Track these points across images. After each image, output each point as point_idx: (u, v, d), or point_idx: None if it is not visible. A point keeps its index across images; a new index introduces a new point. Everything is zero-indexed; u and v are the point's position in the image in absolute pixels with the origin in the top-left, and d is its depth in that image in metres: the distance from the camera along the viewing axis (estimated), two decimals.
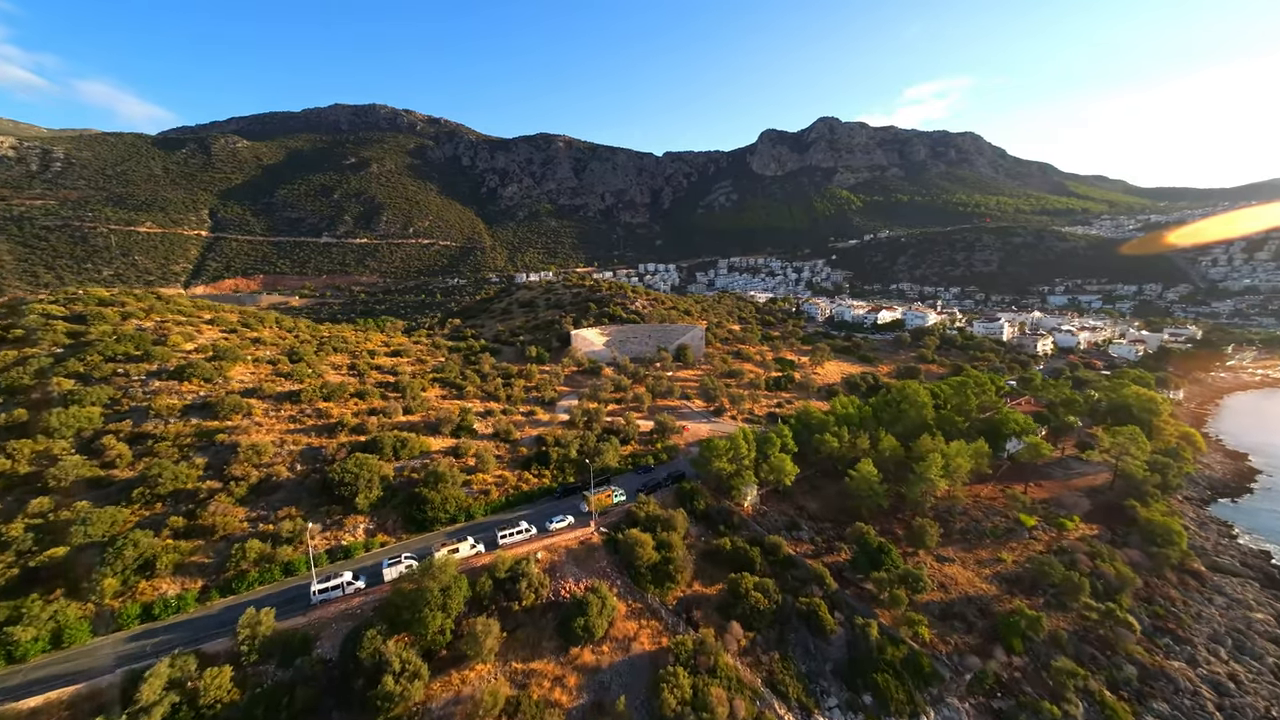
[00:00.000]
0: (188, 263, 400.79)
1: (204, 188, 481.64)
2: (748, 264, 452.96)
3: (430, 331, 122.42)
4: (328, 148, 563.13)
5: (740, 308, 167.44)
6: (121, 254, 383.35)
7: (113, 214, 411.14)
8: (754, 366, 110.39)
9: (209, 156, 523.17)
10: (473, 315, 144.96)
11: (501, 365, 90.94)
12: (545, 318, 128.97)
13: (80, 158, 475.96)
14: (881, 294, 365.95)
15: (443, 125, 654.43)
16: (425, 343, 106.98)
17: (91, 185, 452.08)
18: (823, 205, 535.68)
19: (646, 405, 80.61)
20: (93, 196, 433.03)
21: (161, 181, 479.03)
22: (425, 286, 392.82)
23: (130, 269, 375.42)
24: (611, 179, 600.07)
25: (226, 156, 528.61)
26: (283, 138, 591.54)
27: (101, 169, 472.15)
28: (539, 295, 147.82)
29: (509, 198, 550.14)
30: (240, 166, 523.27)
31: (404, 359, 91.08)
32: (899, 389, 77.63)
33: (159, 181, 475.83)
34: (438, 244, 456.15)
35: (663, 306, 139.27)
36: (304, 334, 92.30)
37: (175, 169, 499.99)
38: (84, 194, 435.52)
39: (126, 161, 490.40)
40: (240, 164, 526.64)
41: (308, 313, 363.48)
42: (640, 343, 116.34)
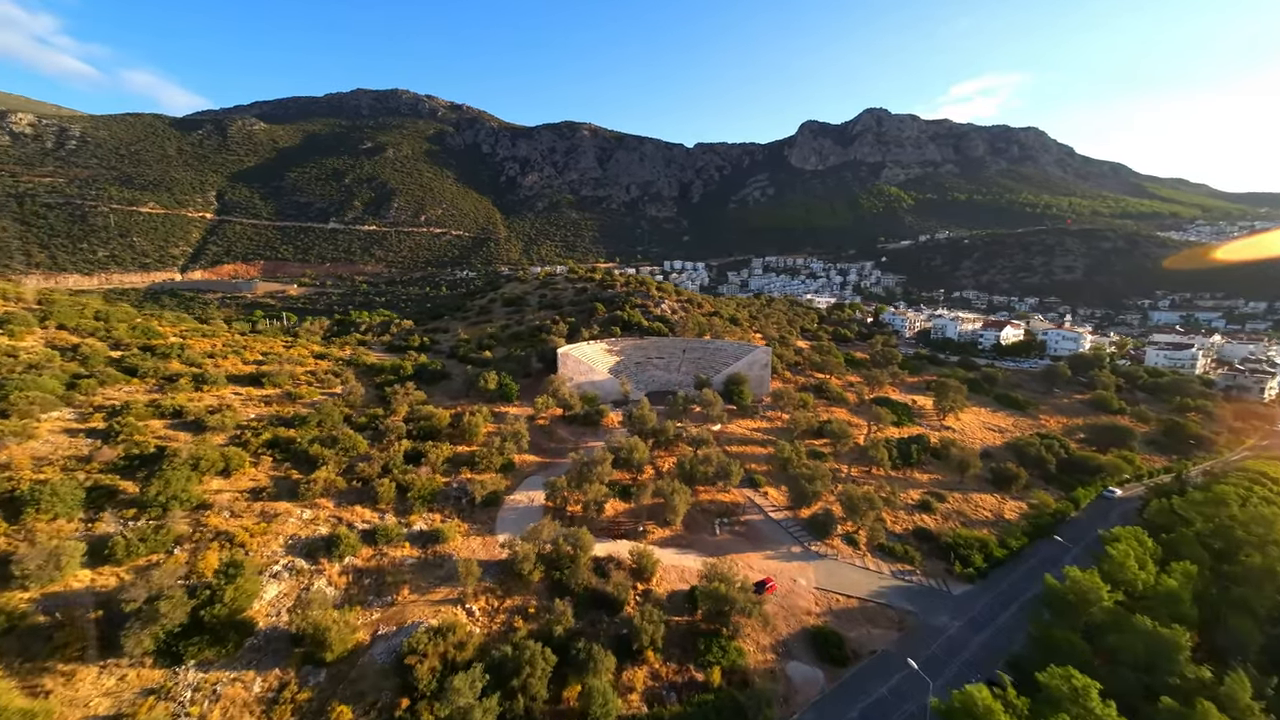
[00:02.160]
0: (188, 246, 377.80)
1: (215, 169, 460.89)
2: (785, 264, 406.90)
3: (364, 338, 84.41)
4: (345, 132, 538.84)
5: (799, 316, 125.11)
6: (120, 235, 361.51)
7: (117, 193, 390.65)
8: (848, 414, 68.64)
9: (224, 138, 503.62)
10: (442, 314, 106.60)
11: (423, 411, 51.59)
12: (533, 323, 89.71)
13: (96, 137, 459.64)
14: (943, 301, 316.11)
15: (465, 112, 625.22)
16: (338, 355, 69.01)
17: (103, 164, 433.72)
18: (869, 202, 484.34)
19: (679, 510, 40.02)
20: (102, 175, 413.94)
21: (174, 162, 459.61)
22: (432, 278, 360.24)
23: (126, 250, 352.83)
24: (637, 170, 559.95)
25: (242, 138, 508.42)
26: (302, 121, 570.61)
27: (115, 148, 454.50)
28: (531, 291, 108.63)
29: (528, 187, 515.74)
30: (255, 149, 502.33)
31: (262, 389, 52.80)
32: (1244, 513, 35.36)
33: (170, 162, 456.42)
34: (450, 234, 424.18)
35: (699, 311, 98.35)
36: (116, 337, 54.89)
37: (189, 150, 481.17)
38: (94, 173, 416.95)
39: (141, 141, 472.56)
40: (255, 146, 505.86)
41: (304, 302, 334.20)
42: (667, 367, 75.72)
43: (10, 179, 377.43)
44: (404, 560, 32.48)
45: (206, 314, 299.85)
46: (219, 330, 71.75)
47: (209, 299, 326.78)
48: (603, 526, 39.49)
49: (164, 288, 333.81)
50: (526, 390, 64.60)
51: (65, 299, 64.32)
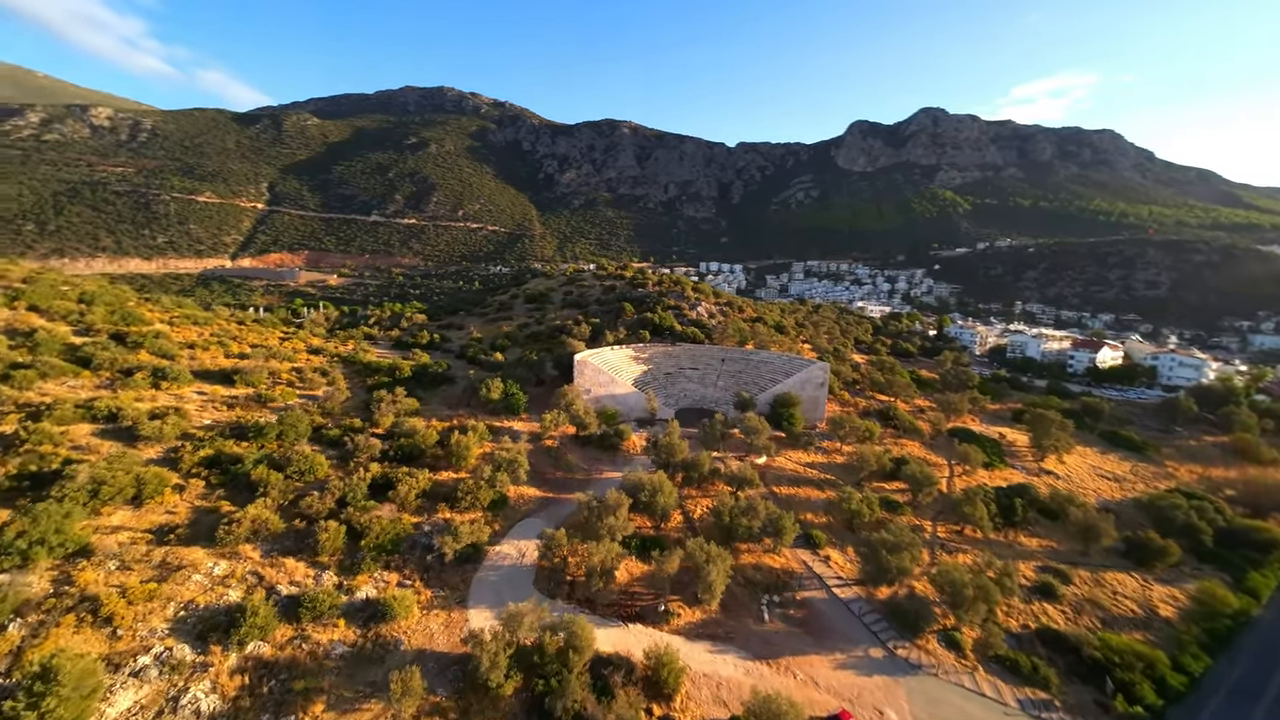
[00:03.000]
0: (239, 234, 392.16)
1: (269, 162, 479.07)
2: (828, 269, 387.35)
3: (372, 332, 77.53)
4: (392, 128, 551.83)
5: (851, 325, 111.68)
6: (178, 222, 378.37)
7: (178, 183, 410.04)
8: (923, 448, 56.30)
9: (279, 132, 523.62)
10: (459, 309, 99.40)
11: (406, 425, 42.88)
12: (554, 322, 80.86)
13: (165, 130, 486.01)
14: (1002, 314, 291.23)
15: (507, 109, 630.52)
16: (334, 350, 61.91)
17: (169, 156, 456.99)
18: (922, 206, 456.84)
19: (715, 586, 29.45)
20: (167, 166, 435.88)
21: (232, 155, 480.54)
22: (466, 273, 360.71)
23: (183, 237, 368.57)
24: (676, 169, 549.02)
25: (296, 133, 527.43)
26: (352, 117, 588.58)
27: (181, 141, 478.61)
28: (556, 288, 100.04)
29: (566, 184, 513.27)
30: (307, 143, 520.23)
31: (233, 388, 45.55)
32: None
33: (229, 154, 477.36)
34: (486, 228, 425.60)
35: (740, 316, 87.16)
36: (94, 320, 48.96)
37: (246, 144, 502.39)
38: (160, 163, 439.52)
39: (204, 134, 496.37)
40: (307, 140, 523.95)
41: (342, 292, 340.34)
42: (702, 381, 65.12)
43: (87, 168, 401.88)
44: (332, 648, 23.42)
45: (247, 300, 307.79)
46: (215, 317, 66.03)
47: (254, 285, 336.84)
48: (612, 601, 29.51)
49: (214, 274, 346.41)
50: (537, 401, 55.45)
51: (51, 277, 59.62)
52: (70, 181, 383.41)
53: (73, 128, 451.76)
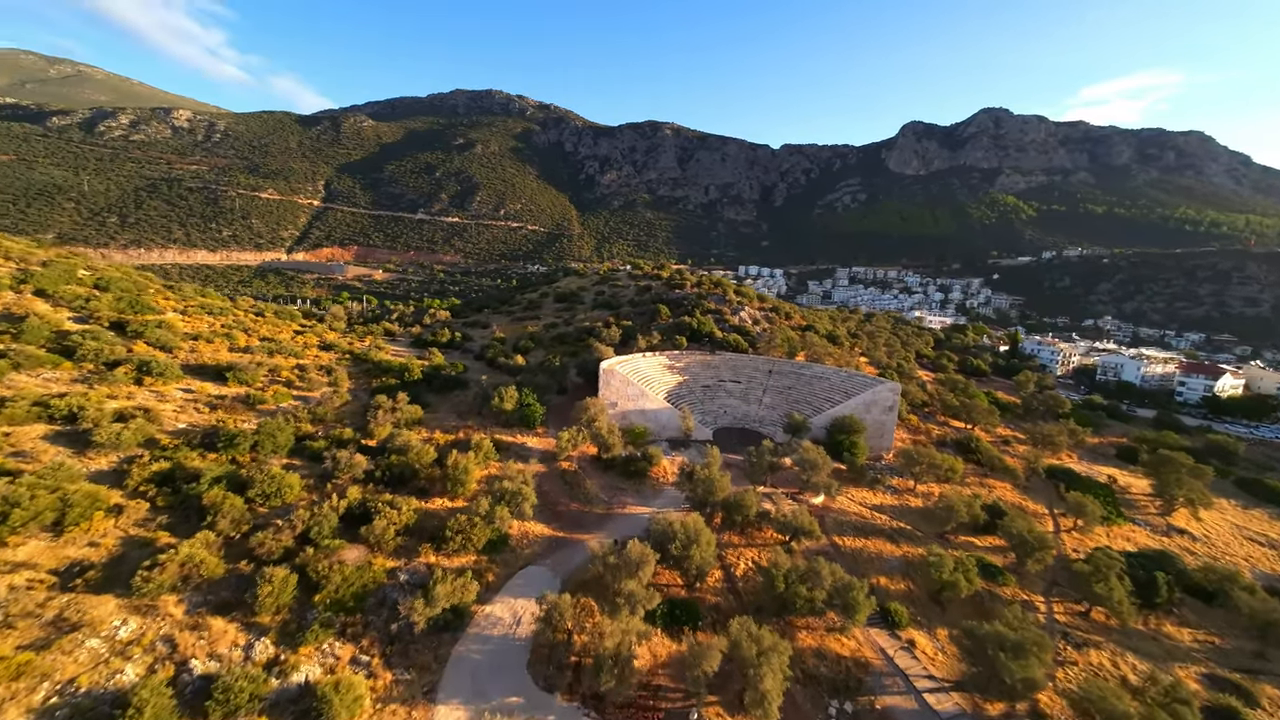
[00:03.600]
0: (295, 229, 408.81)
1: (326, 161, 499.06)
2: (875, 276, 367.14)
3: (393, 328, 73.12)
4: (441, 129, 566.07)
5: (910, 337, 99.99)
6: (242, 217, 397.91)
7: (244, 180, 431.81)
8: (1016, 491, 46.00)
9: (338, 133, 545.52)
10: (486, 306, 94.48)
11: (399, 441, 36.68)
12: (583, 324, 74.25)
13: (235, 131, 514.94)
14: (1069, 329, 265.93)
15: (551, 111, 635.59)
16: (346, 347, 57.33)
17: (238, 155, 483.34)
18: (980, 212, 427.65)
19: (769, 699, 21.48)
20: (235, 164, 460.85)
21: (294, 154, 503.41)
22: (505, 271, 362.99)
23: (245, 231, 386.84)
24: (718, 171, 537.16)
25: (352, 134, 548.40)
26: (405, 119, 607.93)
27: (249, 141, 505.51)
28: (588, 287, 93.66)
29: (606, 185, 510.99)
30: (362, 143, 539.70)
31: (225, 386, 40.92)
32: None
33: (291, 154, 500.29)
34: (526, 228, 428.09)
35: (788, 324, 77.91)
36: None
37: (308, 144, 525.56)
38: (230, 162, 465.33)
39: (270, 135, 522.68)
40: (362, 141, 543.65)
41: (386, 287, 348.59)
42: (745, 396, 56.68)
43: (166, 166, 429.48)
44: None
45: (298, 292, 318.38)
46: (233, 308, 62.89)
47: (306, 279, 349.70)
48: (628, 701, 21.98)
49: (271, 266, 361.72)
50: (558, 412, 48.66)
51: (74, 261, 57.66)
52: (150, 178, 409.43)
53: (156, 129, 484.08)
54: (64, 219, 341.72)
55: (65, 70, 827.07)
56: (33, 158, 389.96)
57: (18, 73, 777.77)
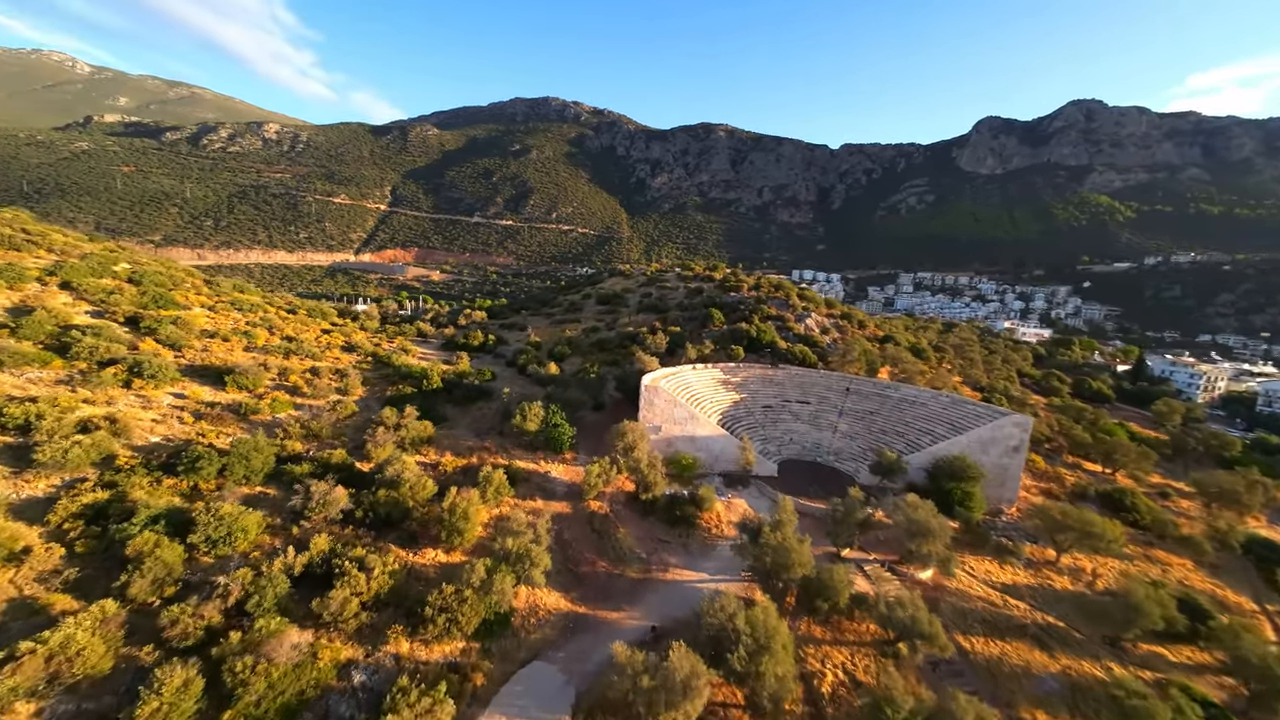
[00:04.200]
0: (363, 232, 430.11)
1: (393, 168, 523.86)
2: (944, 282, 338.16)
3: (426, 329, 68.28)
4: (499, 136, 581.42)
5: (1004, 351, 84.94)
6: (317, 220, 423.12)
7: (320, 187, 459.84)
8: (1198, 571, 33.45)
9: (405, 142, 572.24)
10: (525, 307, 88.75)
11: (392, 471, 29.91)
12: (626, 328, 66.46)
13: (315, 141, 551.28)
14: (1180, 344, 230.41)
15: (605, 116, 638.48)
16: (369, 349, 52.44)
17: (317, 163, 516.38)
18: (1067, 213, 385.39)
19: None
20: (314, 172, 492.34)
21: (365, 162, 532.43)
22: (554, 273, 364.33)
23: (319, 234, 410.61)
24: (772, 172, 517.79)
25: (418, 142, 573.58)
26: (466, 127, 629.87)
27: (327, 150, 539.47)
28: (633, 289, 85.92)
29: (656, 188, 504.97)
30: (426, 151, 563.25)
31: (224, 391, 36.05)
32: None
33: (363, 161, 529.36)
34: (576, 230, 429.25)
35: (863, 334, 66.53)
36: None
37: (378, 152, 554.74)
38: (309, 169, 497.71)
39: (346, 145, 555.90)
40: (427, 149, 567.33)
41: (442, 287, 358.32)
42: (816, 420, 46.51)
43: (255, 174, 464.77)
44: None
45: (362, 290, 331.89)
46: (263, 304, 59.94)
47: (370, 278, 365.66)
48: None
49: (340, 266, 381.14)
50: (592, 432, 40.90)
51: (110, 254, 56.31)
52: (242, 185, 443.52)
53: (249, 141, 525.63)
54: (169, 222, 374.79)
55: (181, 92, 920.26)
56: (148, 169, 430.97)
57: (144, 96, 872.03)
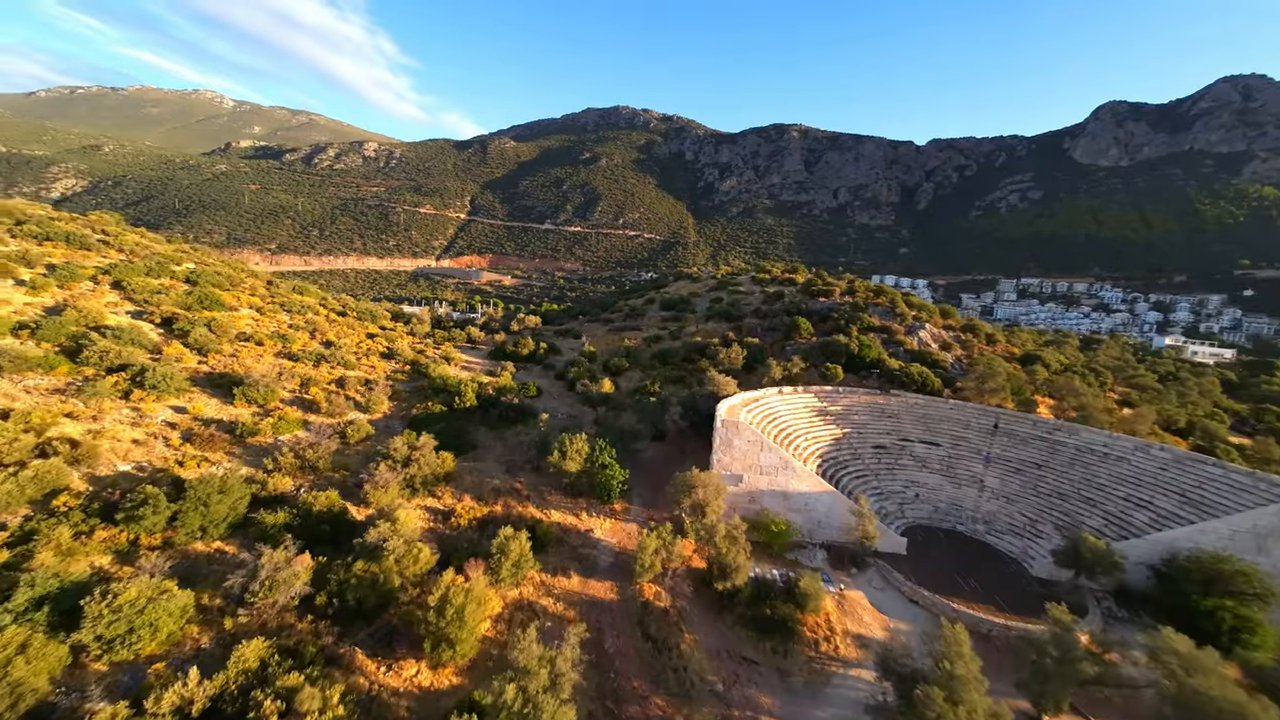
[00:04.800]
0: (444, 239, 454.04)
1: (473, 179, 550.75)
2: (1053, 289, 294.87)
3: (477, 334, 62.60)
4: (571, 146, 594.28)
5: (1181, 377, 65.02)
6: (404, 229, 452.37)
7: (409, 198, 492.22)
8: None
9: (485, 154, 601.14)
10: (585, 312, 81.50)
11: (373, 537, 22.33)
12: (693, 338, 56.76)
13: (407, 157, 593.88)
14: None
15: (674, 122, 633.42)
16: (410, 356, 46.97)
17: (407, 177, 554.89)
18: (1217, 209, 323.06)
19: None
20: (404, 185, 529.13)
21: (449, 174, 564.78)
22: (619, 278, 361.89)
23: (406, 241, 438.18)
24: (850, 172, 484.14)
25: (496, 155, 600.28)
26: (541, 139, 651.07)
27: (416, 165, 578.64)
28: (701, 293, 75.88)
29: (725, 192, 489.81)
30: (503, 162, 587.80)
31: (232, 404, 30.89)
32: None
33: (447, 174, 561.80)
34: (642, 236, 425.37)
35: (995, 351, 51.85)
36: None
37: (461, 165, 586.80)
38: (401, 183, 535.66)
39: (432, 159, 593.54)
40: (504, 160, 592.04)
41: (513, 291, 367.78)
42: (951, 469, 33.87)
43: (355, 188, 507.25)
44: None
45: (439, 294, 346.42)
46: (311, 308, 56.98)
47: (448, 282, 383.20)
48: None
49: (422, 271, 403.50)
50: (650, 474, 31.63)
51: (174, 253, 55.56)
52: (343, 199, 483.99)
53: (352, 159, 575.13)
54: (284, 233, 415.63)
55: (302, 119, 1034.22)
56: (270, 186, 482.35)
57: (272, 124, 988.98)
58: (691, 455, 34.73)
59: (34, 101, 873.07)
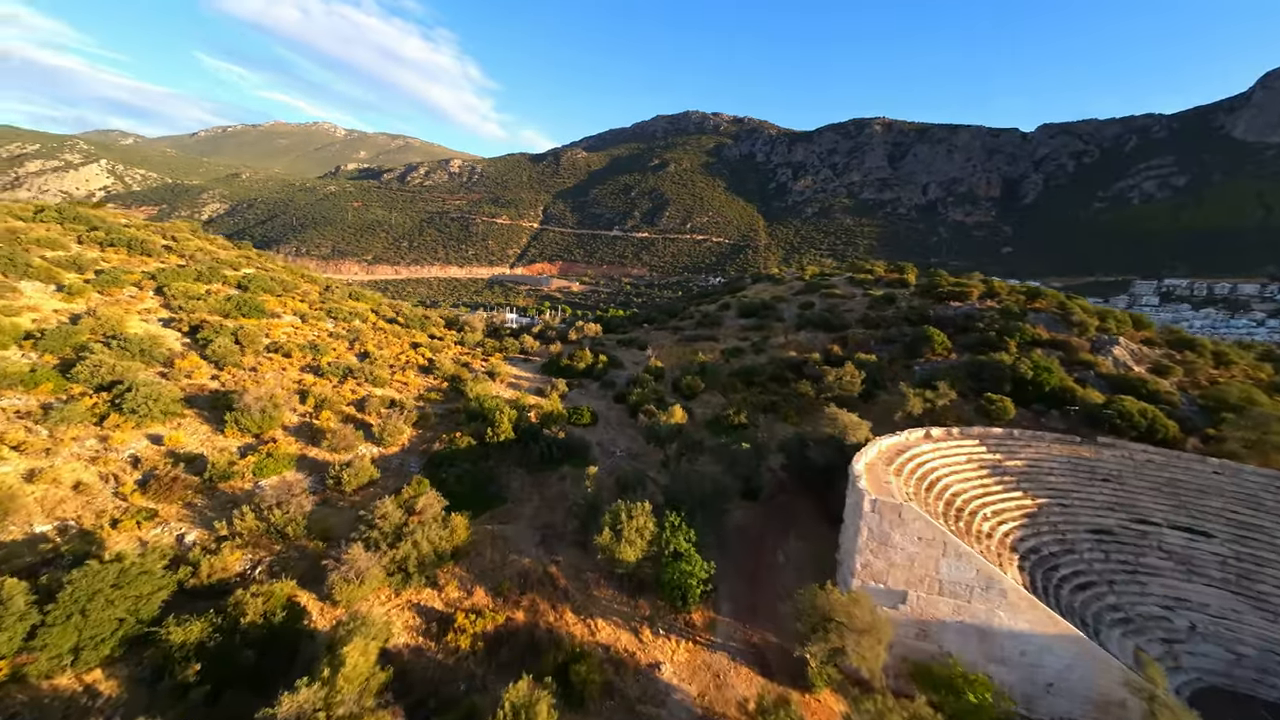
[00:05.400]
0: (517, 248, 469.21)
1: (546, 190, 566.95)
2: (1209, 291, 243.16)
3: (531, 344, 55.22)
4: (640, 153, 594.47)
5: None
6: (482, 239, 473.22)
7: (487, 210, 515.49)
8: None
9: (558, 166, 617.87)
10: (651, 319, 72.00)
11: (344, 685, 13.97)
12: (783, 351, 45.41)
13: (486, 171, 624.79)
14: None
15: (745, 124, 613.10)
16: (451, 370, 40.18)
17: (486, 190, 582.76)
18: None
19: None
20: (483, 197, 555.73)
21: (524, 186, 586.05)
22: (685, 283, 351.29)
23: (483, 251, 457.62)
24: (941, 166, 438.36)
25: (568, 165, 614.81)
26: (611, 148, 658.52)
27: (495, 178, 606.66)
28: (787, 296, 63.66)
29: (798, 192, 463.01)
30: (575, 172, 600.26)
31: (223, 434, 24.75)
32: None
33: (522, 186, 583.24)
34: (710, 240, 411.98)
35: (1226, 374, 35.65)
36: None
37: (535, 177, 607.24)
38: (481, 196, 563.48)
39: (509, 173, 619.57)
40: (575, 171, 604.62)
41: (580, 298, 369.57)
42: (1249, 590, 19.99)
43: (440, 202, 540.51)
44: None
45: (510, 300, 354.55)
46: (355, 314, 52.58)
47: (520, 289, 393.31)
48: None
49: (497, 279, 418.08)
50: (740, 551, 21.16)
51: (236, 258, 53.51)
52: (430, 213, 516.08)
53: (439, 175, 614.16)
54: (379, 245, 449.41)
55: (399, 143, 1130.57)
56: (369, 203, 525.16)
57: (375, 149, 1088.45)
58: (801, 527, 23.88)
59: (195, 140, 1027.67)
